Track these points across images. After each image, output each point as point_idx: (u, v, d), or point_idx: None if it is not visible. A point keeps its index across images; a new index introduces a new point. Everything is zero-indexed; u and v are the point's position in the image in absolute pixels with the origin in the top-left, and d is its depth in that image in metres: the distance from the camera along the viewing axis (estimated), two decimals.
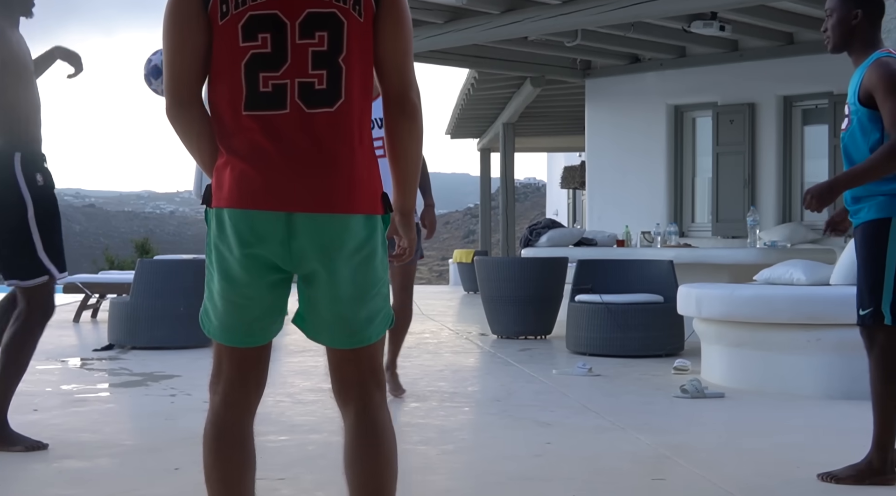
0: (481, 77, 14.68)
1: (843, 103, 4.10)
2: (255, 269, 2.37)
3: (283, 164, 2.33)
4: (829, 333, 5.99)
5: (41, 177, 4.40)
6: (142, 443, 4.75)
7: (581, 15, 9.57)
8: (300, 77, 2.33)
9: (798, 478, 4.04)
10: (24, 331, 4.44)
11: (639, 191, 12.72)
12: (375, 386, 2.47)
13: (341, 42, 2.35)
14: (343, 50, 2.35)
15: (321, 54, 2.34)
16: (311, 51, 2.34)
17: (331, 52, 2.34)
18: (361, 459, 2.42)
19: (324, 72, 2.34)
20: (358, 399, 2.45)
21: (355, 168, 2.36)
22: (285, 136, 2.33)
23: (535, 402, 5.86)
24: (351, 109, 2.36)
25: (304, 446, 4.63)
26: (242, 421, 2.48)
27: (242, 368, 2.47)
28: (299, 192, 2.32)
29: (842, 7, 3.92)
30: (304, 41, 2.34)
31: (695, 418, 5.42)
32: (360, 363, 2.46)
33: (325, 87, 2.34)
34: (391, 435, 2.46)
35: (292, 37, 2.33)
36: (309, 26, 2.34)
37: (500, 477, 4.06)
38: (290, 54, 2.33)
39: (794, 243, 10.11)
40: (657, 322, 7.96)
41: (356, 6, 2.36)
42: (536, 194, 49.78)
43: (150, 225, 64.87)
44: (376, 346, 2.49)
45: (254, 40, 2.33)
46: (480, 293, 9.79)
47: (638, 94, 12.87)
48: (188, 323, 8.40)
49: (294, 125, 2.34)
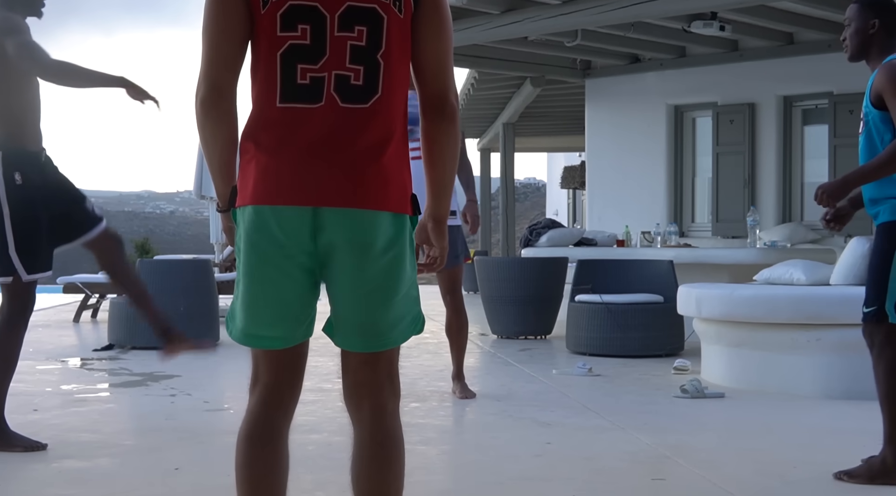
0: (481, 77, 14.68)
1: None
2: (283, 267, 2.32)
3: (312, 157, 2.29)
4: (829, 333, 5.99)
5: (20, 176, 4.40)
6: (142, 443, 4.75)
7: (581, 15, 9.57)
8: (337, 70, 2.30)
9: (798, 478, 4.05)
10: (3, 327, 4.48)
11: (639, 191, 12.72)
12: (391, 392, 2.43)
13: (381, 38, 2.31)
14: (382, 46, 2.32)
15: (360, 49, 2.31)
16: (349, 44, 2.31)
17: (369, 47, 2.31)
18: (371, 469, 2.38)
19: (361, 67, 2.31)
20: (373, 405, 2.40)
21: (386, 165, 2.31)
22: (316, 129, 2.30)
23: (535, 402, 5.86)
24: (385, 107, 2.33)
25: (305, 446, 4.63)
26: (277, 422, 2.42)
27: (278, 371, 2.43)
28: (327, 186, 2.28)
29: (859, 17, 4.05)
30: (343, 34, 2.30)
31: (695, 418, 5.41)
32: (377, 367, 2.41)
33: (362, 83, 2.31)
34: (401, 445, 2.43)
35: (331, 29, 2.30)
36: (348, 20, 2.30)
37: (500, 477, 4.06)
38: (329, 47, 2.30)
39: (794, 243, 10.12)
40: (657, 322, 7.95)
41: (396, 2, 2.32)
42: (536, 194, 49.76)
43: (150, 225, 64.83)
44: (395, 351, 2.44)
45: (293, 30, 2.30)
46: (480, 293, 9.79)
47: (638, 94, 12.87)
48: (188, 323, 8.39)
49: (327, 119, 2.30)
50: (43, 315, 11.93)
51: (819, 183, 4.04)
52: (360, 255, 2.31)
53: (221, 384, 6.93)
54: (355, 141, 2.30)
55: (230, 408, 5.56)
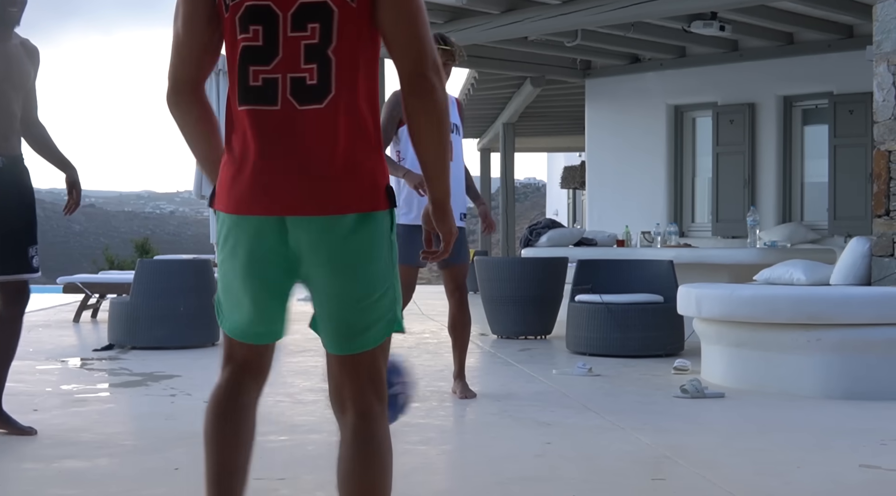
0: (481, 77, 14.68)
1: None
2: (254, 273, 2.34)
3: (273, 165, 2.28)
4: (829, 333, 5.99)
5: None
6: (142, 443, 4.74)
7: (581, 15, 9.57)
8: (292, 72, 2.26)
9: (798, 478, 4.04)
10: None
11: (639, 191, 12.73)
12: (374, 395, 2.39)
13: (331, 32, 2.25)
14: (333, 40, 2.25)
15: (313, 47, 2.26)
16: (303, 44, 2.26)
17: (321, 43, 2.26)
18: (356, 473, 2.35)
19: (314, 65, 2.26)
20: (356, 409, 2.38)
21: (350, 165, 2.27)
22: (275, 136, 2.28)
23: (535, 402, 5.86)
24: (344, 103, 2.27)
25: (304, 446, 4.63)
26: (245, 398, 2.47)
27: (250, 357, 2.49)
28: (290, 195, 2.27)
29: None
30: (297, 34, 2.26)
31: (695, 418, 5.41)
32: (358, 370, 2.39)
33: (316, 82, 2.26)
34: (387, 449, 2.38)
35: (284, 29, 2.26)
36: (301, 18, 2.26)
37: (500, 477, 4.06)
38: (282, 47, 2.27)
39: (794, 243, 10.13)
40: (657, 322, 7.95)
41: None
42: (536, 194, 49.76)
43: (150, 225, 64.81)
44: (376, 354, 2.40)
45: (246, 32, 2.28)
46: (480, 293, 9.79)
47: (638, 94, 12.87)
48: (188, 323, 8.42)
49: (285, 123, 2.27)
50: (43, 315, 11.93)
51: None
52: (328, 261, 2.30)
53: None
54: (315, 144, 2.27)
55: None
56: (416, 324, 10.98)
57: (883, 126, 6.88)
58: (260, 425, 2.56)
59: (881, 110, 6.89)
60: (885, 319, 5.96)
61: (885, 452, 4.52)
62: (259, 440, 2.43)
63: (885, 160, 6.87)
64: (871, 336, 5.96)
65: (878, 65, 6.92)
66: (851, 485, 3.96)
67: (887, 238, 6.78)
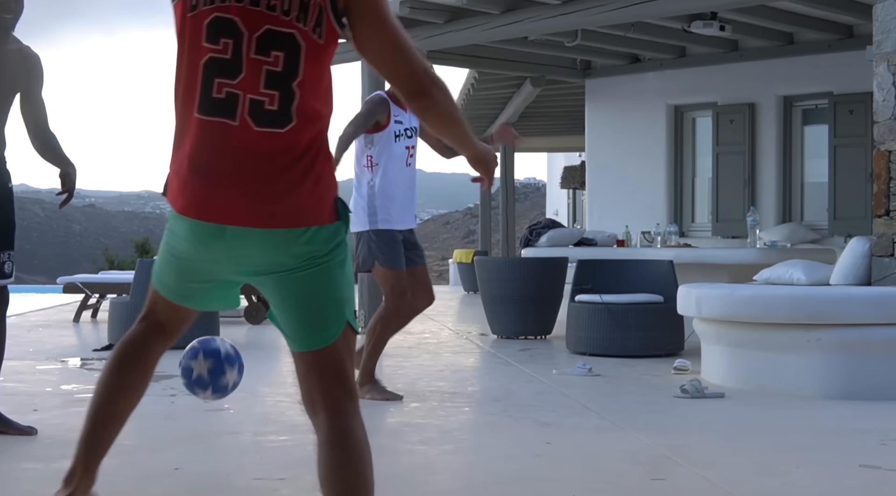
0: (481, 77, 14.68)
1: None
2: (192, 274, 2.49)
3: (226, 176, 2.31)
4: (829, 333, 5.99)
5: None
6: (142, 443, 4.74)
7: (581, 15, 9.56)
8: (252, 93, 2.30)
9: (798, 478, 4.04)
10: None
11: (639, 191, 12.72)
12: (345, 393, 2.41)
13: (298, 66, 2.30)
14: (299, 75, 2.30)
15: (275, 75, 2.29)
16: (265, 69, 2.29)
17: (286, 74, 2.29)
18: (336, 474, 2.36)
19: (276, 93, 2.29)
20: (327, 408, 2.39)
21: (298, 183, 2.32)
22: (231, 149, 2.31)
23: (535, 402, 5.86)
24: (303, 133, 2.32)
25: (304, 446, 4.62)
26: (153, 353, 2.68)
27: (170, 319, 2.64)
28: (239, 207, 2.31)
29: None
30: (259, 57, 2.29)
31: (695, 418, 5.41)
32: (325, 369, 2.41)
33: (276, 109, 2.30)
34: (363, 445, 2.39)
35: (248, 49, 2.29)
36: (266, 43, 2.29)
37: (500, 477, 4.06)
38: (245, 67, 2.30)
39: (794, 243, 10.12)
40: (657, 322, 7.95)
41: (317, 28, 2.30)
42: (536, 194, 49.74)
43: (150, 225, 64.73)
44: (339, 352, 2.43)
45: (215, 43, 2.31)
46: (480, 293, 9.79)
47: (638, 94, 12.87)
48: None
49: (241, 140, 2.30)
50: (43, 315, 11.93)
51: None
52: (273, 272, 2.36)
53: None
54: (268, 164, 2.31)
55: (230, 408, 5.55)
56: (416, 325, 10.97)
57: (883, 126, 6.88)
58: (260, 425, 2.58)
59: (881, 110, 6.89)
60: (885, 319, 5.96)
61: (885, 452, 4.52)
62: (259, 440, 2.44)
63: (885, 160, 6.87)
64: (871, 336, 5.96)
65: (878, 65, 6.92)
66: (851, 485, 3.96)
67: (887, 238, 6.78)
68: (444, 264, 33.63)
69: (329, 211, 2.36)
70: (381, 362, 7.63)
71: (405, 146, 5.89)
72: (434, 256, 45.48)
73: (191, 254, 2.43)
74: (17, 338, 9.04)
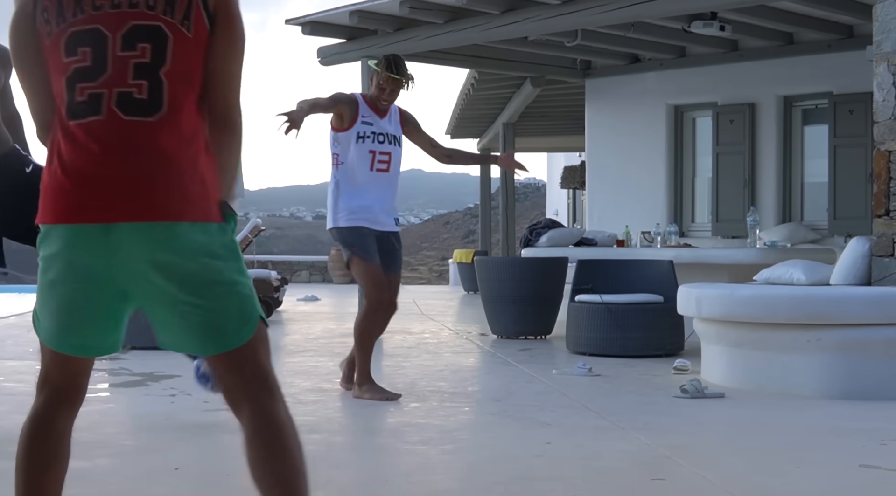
0: (481, 77, 14.67)
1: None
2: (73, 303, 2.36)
3: (101, 173, 2.30)
4: (829, 333, 5.99)
5: None
6: (142, 443, 4.75)
7: (581, 15, 9.56)
8: (119, 87, 2.33)
9: (798, 478, 4.04)
10: None
11: (639, 191, 12.72)
12: (265, 391, 2.40)
13: (164, 55, 2.33)
14: (166, 63, 2.33)
15: (143, 65, 2.33)
16: (132, 62, 2.33)
17: (153, 63, 2.33)
18: (265, 467, 2.34)
19: (144, 82, 2.33)
20: (249, 407, 2.39)
21: (179, 176, 2.31)
22: (101, 144, 2.32)
23: (535, 402, 5.86)
24: (175, 121, 2.33)
25: (304, 446, 4.62)
26: (61, 424, 2.49)
27: (66, 374, 2.47)
28: (118, 201, 2.29)
29: None
30: (126, 53, 2.33)
31: (695, 418, 5.41)
32: (242, 369, 2.38)
33: (146, 98, 2.32)
34: (292, 437, 2.39)
35: (113, 49, 2.33)
36: (132, 38, 2.33)
37: (500, 477, 4.06)
38: (111, 65, 2.33)
39: (794, 243, 10.12)
40: (657, 322, 7.95)
41: (185, 21, 2.34)
42: (536, 194, 49.72)
43: None
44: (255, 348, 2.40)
45: (75, 55, 2.35)
46: (480, 293, 9.79)
47: (638, 94, 12.86)
48: None
49: (110, 132, 2.31)
50: None
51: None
52: (162, 269, 2.31)
53: None
54: (141, 154, 2.31)
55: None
56: (416, 324, 10.98)
57: (883, 126, 6.88)
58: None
59: (881, 110, 6.89)
60: (885, 319, 5.96)
61: (885, 452, 4.52)
62: None
63: (885, 160, 6.87)
64: (871, 336, 5.96)
65: (878, 65, 6.92)
66: (851, 485, 3.96)
67: (887, 238, 6.78)
68: (444, 264, 33.64)
69: (216, 209, 2.37)
70: (381, 362, 7.64)
71: (370, 150, 5.89)
72: (434, 256, 45.49)
73: (70, 273, 2.34)
74: (17, 338, 9.04)
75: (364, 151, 5.88)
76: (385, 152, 5.94)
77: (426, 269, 41.43)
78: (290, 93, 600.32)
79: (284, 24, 11.39)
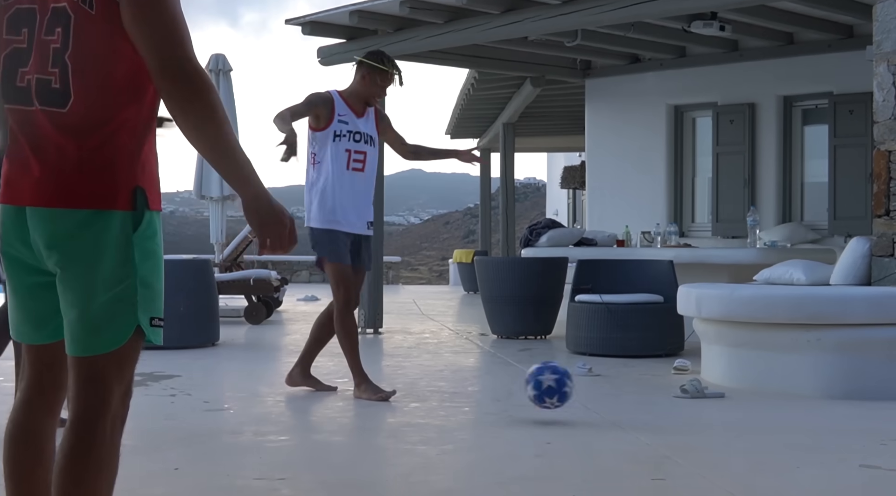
0: (481, 77, 14.67)
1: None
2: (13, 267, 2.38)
3: (22, 158, 2.31)
4: (829, 333, 5.99)
5: None
6: (142, 443, 4.74)
7: (581, 15, 9.56)
8: (40, 74, 2.28)
9: (798, 478, 4.05)
10: None
11: (639, 191, 12.72)
12: (96, 398, 2.28)
13: (68, 38, 2.24)
14: (69, 47, 2.25)
15: (56, 51, 2.26)
16: (51, 48, 2.26)
17: (62, 48, 2.25)
18: (57, 480, 2.26)
19: (58, 70, 2.26)
20: (72, 412, 2.29)
21: (88, 165, 2.25)
22: (26, 132, 2.30)
23: None
24: (85, 110, 2.25)
25: (304, 446, 4.63)
26: (40, 423, 2.43)
27: (36, 367, 2.42)
28: (29, 186, 2.28)
29: None
30: (47, 38, 2.27)
31: (695, 418, 5.41)
32: (79, 372, 2.29)
33: (59, 87, 2.26)
34: (97, 463, 2.27)
35: (39, 32, 2.28)
36: (52, 22, 2.26)
37: (500, 477, 4.06)
38: (35, 50, 2.28)
39: (794, 243, 10.12)
40: (657, 322, 7.95)
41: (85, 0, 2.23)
42: (536, 194, 49.72)
43: None
44: (119, 362, 2.33)
45: (16, 34, 2.31)
46: (480, 293, 9.79)
47: (638, 94, 12.86)
48: (188, 323, 8.42)
49: (33, 121, 2.29)
50: None
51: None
52: (58, 254, 2.28)
53: (221, 384, 6.94)
54: (55, 142, 2.26)
55: (230, 408, 5.56)
56: (416, 324, 10.98)
57: (883, 126, 6.88)
58: (260, 425, 2.56)
59: (881, 110, 6.89)
60: (885, 319, 5.96)
61: (885, 452, 4.52)
62: (259, 440, 2.43)
63: (885, 160, 6.87)
64: (871, 336, 5.96)
65: (878, 65, 6.92)
66: (851, 485, 3.96)
67: (887, 238, 6.78)
68: (444, 264, 33.63)
69: (124, 198, 2.28)
70: (381, 362, 7.64)
71: (346, 148, 5.90)
72: (434, 256, 45.48)
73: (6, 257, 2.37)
74: None
75: (340, 150, 5.89)
76: (360, 151, 5.94)
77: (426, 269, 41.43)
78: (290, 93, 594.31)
79: (284, 25, 11.39)
